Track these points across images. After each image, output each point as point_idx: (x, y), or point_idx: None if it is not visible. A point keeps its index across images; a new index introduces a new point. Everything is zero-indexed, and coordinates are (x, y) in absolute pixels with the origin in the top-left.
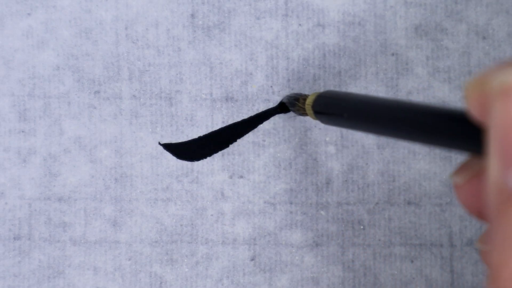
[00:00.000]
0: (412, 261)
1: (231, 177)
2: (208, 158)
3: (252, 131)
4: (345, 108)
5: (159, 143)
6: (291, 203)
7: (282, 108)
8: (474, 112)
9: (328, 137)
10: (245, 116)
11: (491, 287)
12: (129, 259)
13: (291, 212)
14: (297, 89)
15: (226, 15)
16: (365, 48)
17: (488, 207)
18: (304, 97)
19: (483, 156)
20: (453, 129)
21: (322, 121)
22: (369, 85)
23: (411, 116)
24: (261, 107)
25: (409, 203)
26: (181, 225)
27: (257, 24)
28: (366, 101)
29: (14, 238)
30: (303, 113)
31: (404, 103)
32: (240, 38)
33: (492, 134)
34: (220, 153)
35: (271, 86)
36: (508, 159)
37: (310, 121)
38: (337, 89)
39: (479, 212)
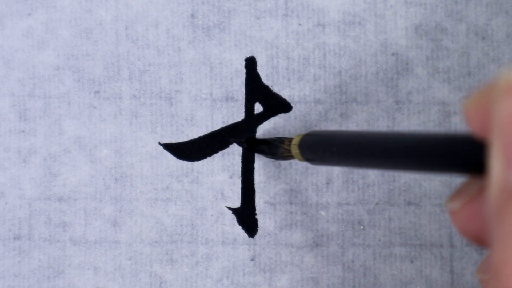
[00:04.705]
0: (412, 262)
1: (231, 177)
2: (208, 158)
3: (252, 131)
4: (334, 143)
5: (159, 143)
6: (291, 203)
7: (249, 144)
8: (475, 126)
9: None
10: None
11: (494, 285)
12: (129, 259)
13: (291, 212)
14: (297, 89)
15: (226, 15)
16: (365, 48)
17: (489, 207)
18: (289, 139)
19: (484, 176)
20: (451, 152)
21: (311, 162)
22: (369, 85)
23: (403, 145)
24: (261, 107)
25: (409, 203)
26: (181, 225)
27: (257, 24)
28: (355, 135)
29: (14, 238)
30: (287, 155)
31: (393, 134)
32: (240, 38)
33: (495, 133)
34: (220, 153)
35: (271, 86)
36: (511, 157)
37: (310, 121)
38: (337, 87)
39: (476, 237)
